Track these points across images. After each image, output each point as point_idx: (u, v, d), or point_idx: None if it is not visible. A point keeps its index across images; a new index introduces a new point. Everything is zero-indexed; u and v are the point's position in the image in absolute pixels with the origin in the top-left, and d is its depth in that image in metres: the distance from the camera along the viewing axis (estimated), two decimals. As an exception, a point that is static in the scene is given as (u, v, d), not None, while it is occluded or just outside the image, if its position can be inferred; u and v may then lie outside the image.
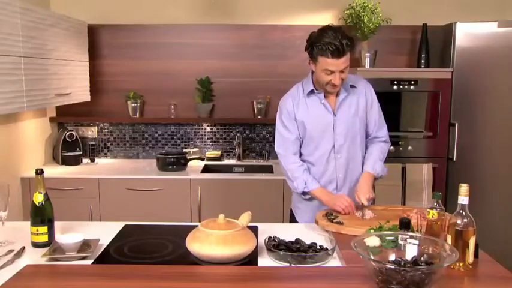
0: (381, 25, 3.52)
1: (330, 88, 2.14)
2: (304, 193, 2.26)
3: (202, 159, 3.75)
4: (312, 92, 2.22)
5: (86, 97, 3.59)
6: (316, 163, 2.26)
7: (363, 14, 3.47)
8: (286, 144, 2.26)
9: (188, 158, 3.59)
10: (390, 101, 3.34)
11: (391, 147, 3.29)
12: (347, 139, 2.22)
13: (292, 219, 2.43)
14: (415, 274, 1.34)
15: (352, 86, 2.23)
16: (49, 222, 1.83)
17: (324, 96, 2.22)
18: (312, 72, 2.22)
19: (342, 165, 2.24)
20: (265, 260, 1.71)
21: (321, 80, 2.13)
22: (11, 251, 1.77)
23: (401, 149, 3.33)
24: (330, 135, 2.21)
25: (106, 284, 1.51)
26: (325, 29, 2.08)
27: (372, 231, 1.79)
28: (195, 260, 1.69)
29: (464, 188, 1.57)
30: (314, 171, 2.26)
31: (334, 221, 1.99)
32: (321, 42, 2.04)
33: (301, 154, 2.30)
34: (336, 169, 2.25)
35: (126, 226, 2.08)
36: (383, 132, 2.31)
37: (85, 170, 3.54)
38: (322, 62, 2.07)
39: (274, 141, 2.34)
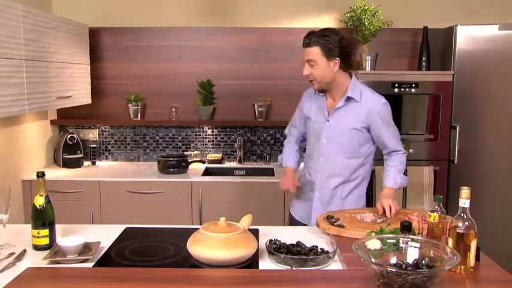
0: (381, 28, 3.52)
1: (310, 83, 2.27)
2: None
3: (203, 162, 3.75)
4: (320, 91, 2.33)
5: (87, 100, 3.59)
6: (307, 158, 2.45)
7: (363, 16, 3.48)
8: (290, 127, 2.58)
9: (189, 160, 3.58)
10: (391, 104, 3.31)
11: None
12: (332, 146, 2.28)
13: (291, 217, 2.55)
14: (416, 277, 1.34)
15: (350, 98, 2.24)
16: (50, 225, 1.83)
17: (326, 99, 2.32)
18: None
19: (321, 168, 2.32)
20: (266, 263, 1.71)
21: None
22: (12, 253, 1.77)
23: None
24: (318, 137, 2.32)
25: (107, 287, 1.51)
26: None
27: (373, 234, 1.79)
28: (196, 263, 1.69)
29: (465, 191, 1.57)
30: (306, 166, 2.45)
31: (335, 224, 1.99)
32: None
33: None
34: (318, 170, 2.34)
35: (127, 229, 2.07)
36: (398, 146, 2.33)
37: (86, 172, 3.54)
38: None
39: (275, 144, 2.49)
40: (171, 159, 3.52)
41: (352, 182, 2.34)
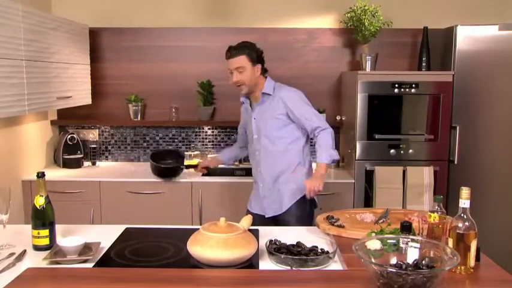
0: (381, 28, 3.52)
1: (238, 89, 2.60)
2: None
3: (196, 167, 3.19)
4: (245, 98, 2.71)
5: (87, 100, 3.60)
6: (250, 156, 2.79)
7: (363, 17, 3.48)
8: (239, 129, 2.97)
9: (185, 165, 3.38)
10: (391, 104, 3.34)
11: (392, 150, 3.31)
12: (261, 138, 2.63)
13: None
14: (416, 278, 1.34)
15: (265, 93, 2.61)
16: (50, 225, 1.83)
17: (250, 103, 2.70)
18: None
19: (260, 161, 2.66)
20: (266, 264, 1.71)
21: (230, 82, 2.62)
22: (12, 254, 1.77)
23: (402, 152, 3.32)
24: (251, 135, 2.69)
25: (107, 287, 1.51)
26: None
27: (373, 234, 1.79)
28: (196, 263, 1.69)
29: (465, 192, 1.57)
30: (251, 163, 2.78)
31: (335, 224, 1.99)
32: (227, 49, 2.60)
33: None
34: (259, 162, 2.68)
35: (127, 229, 2.08)
36: (318, 123, 2.56)
37: (86, 173, 3.54)
38: (227, 65, 2.59)
39: None
40: (165, 165, 3.39)
41: (288, 168, 2.62)
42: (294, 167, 2.63)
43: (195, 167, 3.11)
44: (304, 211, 2.60)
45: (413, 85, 3.28)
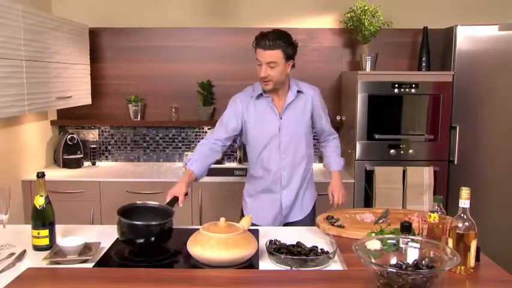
0: (381, 28, 3.52)
1: (263, 84, 2.30)
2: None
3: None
4: (260, 95, 2.37)
5: (87, 100, 3.59)
6: (263, 162, 2.40)
7: (363, 17, 3.48)
8: (214, 131, 2.43)
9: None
10: (391, 104, 3.34)
11: (392, 151, 3.31)
12: (292, 141, 2.37)
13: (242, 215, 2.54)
14: (416, 278, 1.34)
15: (299, 92, 2.39)
16: (50, 225, 1.83)
17: (272, 99, 2.37)
18: None
19: (287, 165, 2.39)
20: (266, 264, 1.71)
21: (257, 73, 2.30)
22: (12, 254, 1.77)
23: (402, 152, 3.32)
24: (276, 137, 2.36)
25: (107, 287, 1.51)
26: (272, 29, 2.31)
27: (373, 234, 1.79)
28: (196, 264, 1.69)
29: (465, 192, 1.57)
30: (260, 170, 2.42)
31: (335, 224, 1.99)
32: (260, 35, 2.29)
33: (250, 154, 2.47)
34: (280, 168, 2.39)
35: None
36: (332, 129, 2.56)
37: (86, 173, 3.54)
38: (256, 53, 2.28)
39: None
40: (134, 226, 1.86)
41: (309, 171, 2.51)
42: (312, 169, 2.55)
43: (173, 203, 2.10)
44: (314, 213, 2.55)
45: (413, 85, 3.28)
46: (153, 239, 1.76)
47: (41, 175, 1.82)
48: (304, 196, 2.48)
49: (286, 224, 2.46)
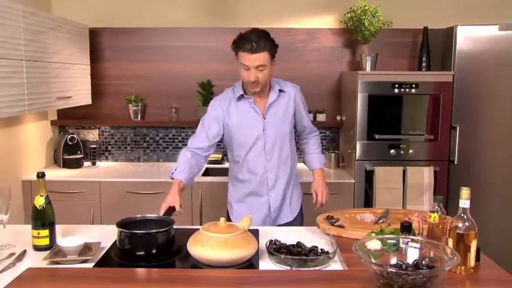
0: (381, 28, 3.52)
1: (251, 87, 2.24)
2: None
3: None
4: (241, 96, 2.32)
5: (87, 100, 3.60)
6: (248, 165, 2.36)
7: (363, 17, 3.48)
8: (195, 138, 2.32)
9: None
10: (391, 104, 3.34)
11: (392, 151, 3.31)
12: (277, 141, 2.34)
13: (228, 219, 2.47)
14: (416, 278, 1.34)
15: (281, 91, 2.35)
16: (50, 225, 1.83)
17: (254, 100, 2.32)
18: None
19: (272, 166, 2.35)
20: (266, 264, 1.71)
21: (242, 77, 2.25)
22: (12, 254, 1.77)
23: (402, 152, 3.32)
24: (261, 138, 2.32)
25: (107, 287, 1.51)
26: (253, 29, 2.24)
27: (373, 234, 1.79)
28: (196, 264, 1.69)
29: (465, 192, 1.57)
30: (246, 173, 2.37)
31: (335, 224, 1.99)
32: (242, 36, 2.20)
33: (233, 156, 2.41)
34: (266, 170, 2.35)
35: (127, 229, 2.07)
36: (314, 127, 2.54)
37: (86, 173, 3.54)
38: (240, 57, 2.20)
39: None
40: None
41: (294, 171, 2.47)
42: (296, 169, 2.51)
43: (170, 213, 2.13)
44: (302, 214, 2.55)
45: (413, 85, 3.28)
46: (155, 249, 1.74)
47: (41, 175, 1.82)
48: (292, 196, 2.46)
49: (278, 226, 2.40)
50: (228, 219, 2.46)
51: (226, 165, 3.85)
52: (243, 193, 2.42)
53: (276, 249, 1.73)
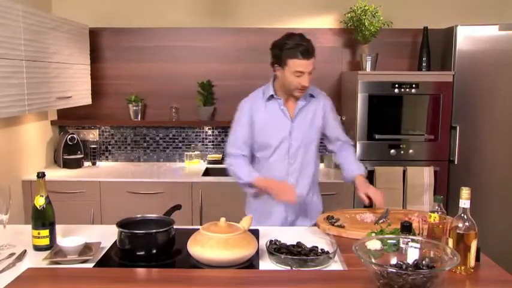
0: (381, 28, 3.52)
1: (298, 92, 2.20)
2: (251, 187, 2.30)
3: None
4: (271, 97, 2.29)
5: (87, 100, 3.60)
6: (270, 167, 2.32)
7: (363, 17, 3.48)
8: (235, 143, 2.34)
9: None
10: (391, 104, 3.34)
11: (392, 151, 3.31)
12: (301, 146, 2.29)
13: None
14: (416, 278, 1.34)
15: (311, 96, 2.31)
16: (50, 225, 1.83)
17: (284, 102, 2.29)
18: (274, 78, 2.30)
19: (294, 170, 2.30)
20: (267, 264, 1.71)
21: (291, 83, 2.17)
22: (12, 254, 1.77)
23: (402, 152, 3.32)
24: (286, 141, 2.28)
25: (107, 287, 1.51)
26: (291, 34, 2.21)
27: (373, 234, 1.79)
28: (196, 264, 1.69)
29: (465, 192, 1.57)
30: (267, 174, 2.29)
31: (336, 224, 1.99)
32: (290, 45, 2.14)
33: (256, 157, 2.37)
34: (288, 174, 2.30)
35: (127, 229, 2.07)
36: (347, 137, 2.45)
37: (86, 173, 3.54)
38: (292, 65, 2.13)
39: None
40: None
41: (315, 178, 2.40)
42: (318, 175, 2.45)
43: None
44: None
45: (414, 85, 3.28)
46: (155, 249, 1.75)
47: (41, 175, 1.82)
48: (311, 202, 2.39)
49: None
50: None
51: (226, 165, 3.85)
52: (259, 199, 2.37)
53: (276, 249, 1.73)
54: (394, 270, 1.37)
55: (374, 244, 1.54)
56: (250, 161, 2.37)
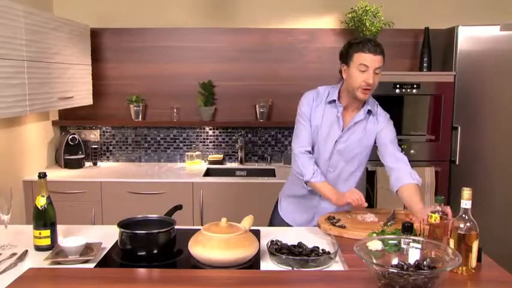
0: (383, 28, 3.52)
1: (361, 93, 2.11)
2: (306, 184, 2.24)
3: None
4: (333, 101, 2.22)
5: (88, 100, 3.60)
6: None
7: (365, 17, 3.48)
8: (300, 137, 2.24)
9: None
10: (392, 105, 3.31)
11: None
12: (342, 158, 2.22)
13: (275, 212, 2.48)
14: (417, 278, 1.34)
15: (369, 112, 2.22)
16: (52, 225, 1.83)
17: (342, 110, 2.21)
18: (342, 83, 2.22)
19: (331, 179, 2.23)
20: (268, 264, 1.71)
21: (355, 80, 2.09)
22: (14, 254, 1.77)
23: (403, 152, 3.30)
24: (330, 148, 2.22)
25: (108, 287, 1.51)
26: (363, 38, 2.14)
27: (374, 235, 1.79)
28: (197, 264, 1.69)
29: (467, 192, 1.57)
30: None
31: (337, 224, 1.99)
32: (359, 40, 2.09)
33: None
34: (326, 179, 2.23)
35: (128, 229, 2.07)
36: (398, 155, 2.24)
37: (87, 173, 3.55)
38: (358, 58, 2.07)
39: (276, 145, 2.35)
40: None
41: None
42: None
43: None
44: None
45: (415, 85, 3.27)
46: (156, 250, 1.75)
47: (42, 175, 1.82)
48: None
49: None
50: (273, 213, 2.49)
51: (227, 165, 3.87)
52: (297, 193, 2.35)
53: (277, 249, 1.73)
54: (395, 271, 1.37)
55: (375, 244, 1.54)
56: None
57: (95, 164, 3.80)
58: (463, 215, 1.57)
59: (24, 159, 3.33)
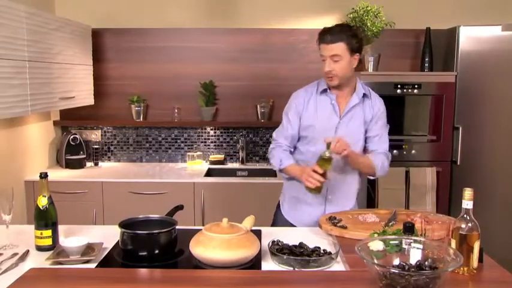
0: (384, 29, 3.52)
1: (328, 80, 2.19)
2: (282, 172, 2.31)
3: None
4: (324, 91, 2.26)
5: (89, 101, 3.60)
6: (313, 160, 2.20)
7: (366, 17, 3.47)
8: (281, 133, 2.33)
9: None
10: (394, 105, 3.32)
11: (395, 151, 3.30)
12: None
13: (277, 212, 2.46)
14: (419, 278, 1.34)
15: (365, 95, 2.25)
16: (53, 225, 1.83)
17: (336, 98, 2.24)
18: None
19: (334, 168, 2.18)
20: (269, 264, 1.71)
21: (321, 70, 2.18)
22: (15, 254, 1.78)
23: (404, 152, 3.32)
24: (320, 135, 2.18)
25: (109, 287, 1.51)
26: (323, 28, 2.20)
27: (375, 235, 1.79)
28: (199, 264, 1.69)
29: (468, 193, 1.56)
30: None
31: (338, 225, 1.99)
32: (321, 31, 2.18)
33: (298, 149, 2.33)
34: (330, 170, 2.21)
35: (129, 230, 2.07)
36: (383, 147, 2.27)
37: (89, 173, 3.55)
38: (320, 50, 2.18)
39: None
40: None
41: (356, 185, 2.34)
42: (360, 184, 2.37)
43: None
44: None
45: (416, 86, 3.27)
46: (157, 250, 1.75)
47: (43, 175, 1.83)
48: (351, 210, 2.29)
49: None
50: (276, 213, 2.47)
51: (228, 165, 3.87)
52: (296, 193, 2.33)
53: (279, 249, 1.73)
54: (397, 271, 1.37)
55: (376, 245, 1.54)
56: (294, 145, 2.33)
57: (96, 164, 3.80)
58: (465, 216, 1.57)
59: (25, 160, 3.34)
